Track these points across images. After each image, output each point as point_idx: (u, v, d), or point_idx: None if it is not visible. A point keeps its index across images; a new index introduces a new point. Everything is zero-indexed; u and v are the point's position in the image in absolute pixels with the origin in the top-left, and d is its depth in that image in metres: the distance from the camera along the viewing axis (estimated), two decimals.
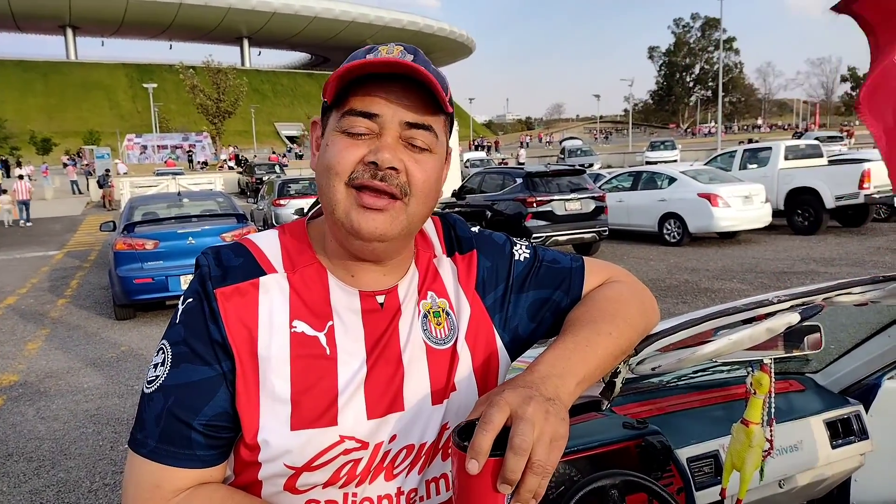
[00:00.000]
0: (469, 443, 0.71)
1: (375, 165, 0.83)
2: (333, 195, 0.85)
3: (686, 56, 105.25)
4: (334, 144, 0.85)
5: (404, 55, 0.85)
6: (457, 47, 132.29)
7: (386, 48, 0.86)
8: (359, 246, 0.87)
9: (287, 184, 15.50)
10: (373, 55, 0.85)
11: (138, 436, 0.85)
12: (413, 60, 0.84)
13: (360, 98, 0.84)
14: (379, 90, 0.84)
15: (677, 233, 12.02)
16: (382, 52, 0.85)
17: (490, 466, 0.71)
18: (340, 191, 0.85)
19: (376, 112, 0.84)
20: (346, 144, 0.84)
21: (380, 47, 0.87)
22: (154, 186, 17.79)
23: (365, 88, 0.84)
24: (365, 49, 0.88)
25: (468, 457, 0.70)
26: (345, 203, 0.85)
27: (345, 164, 0.84)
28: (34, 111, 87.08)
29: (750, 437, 1.47)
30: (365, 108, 0.84)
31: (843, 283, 1.42)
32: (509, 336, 1.01)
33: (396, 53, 0.85)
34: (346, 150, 0.84)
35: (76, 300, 9.46)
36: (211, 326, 0.85)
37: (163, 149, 60.62)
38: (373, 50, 0.87)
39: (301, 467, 0.85)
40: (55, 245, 16.25)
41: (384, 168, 0.83)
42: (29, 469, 4.13)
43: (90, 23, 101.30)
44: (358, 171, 0.84)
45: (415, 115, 0.85)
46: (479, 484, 0.71)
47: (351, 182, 0.84)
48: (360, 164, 0.84)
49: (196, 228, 8.21)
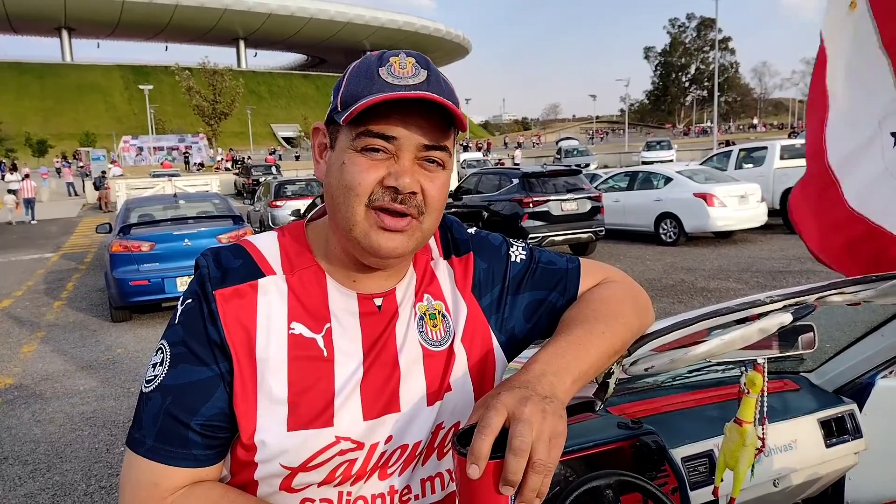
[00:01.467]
0: (469, 448, 0.72)
1: (395, 190, 0.84)
2: (352, 215, 0.86)
3: (682, 56, 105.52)
4: (353, 164, 0.85)
5: (417, 70, 0.85)
6: (453, 48, 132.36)
7: (398, 61, 0.85)
8: (374, 262, 0.89)
9: (283, 185, 15.48)
10: (385, 69, 0.84)
11: (136, 434, 0.86)
12: (427, 78, 0.84)
13: (376, 119, 0.84)
14: (396, 112, 0.83)
15: (673, 233, 12.04)
16: (395, 66, 0.84)
17: (491, 469, 0.71)
18: (360, 212, 0.85)
19: (394, 135, 0.84)
20: (365, 166, 0.84)
21: (390, 58, 0.86)
22: (150, 188, 17.74)
23: (384, 108, 0.83)
24: (375, 59, 0.87)
25: (468, 462, 0.71)
26: (364, 224, 0.86)
27: (365, 186, 0.84)
28: (30, 113, 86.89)
29: (743, 436, 1.47)
30: (382, 131, 0.84)
31: (836, 282, 1.43)
32: (505, 337, 1.02)
33: (410, 69, 0.84)
34: (365, 171, 0.84)
35: (72, 302, 9.44)
36: (209, 328, 0.86)
37: (159, 150, 60.47)
38: (384, 61, 0.85)
39: (297, 467, 0.86)
40: (51, 247, 16.21)
41: (404, 193, 0.84)
42: (24, 472, 4.12)
43: (86, 24, 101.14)
44: (377, 193, 0.84)
45: (432, 138, 0.86)
46: (481, 487, 0.72)
47: (371, 203, 0.85)
48: (380, 185, 0.84)
49: (192, 230, 8.20)
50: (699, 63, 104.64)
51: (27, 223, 22.80)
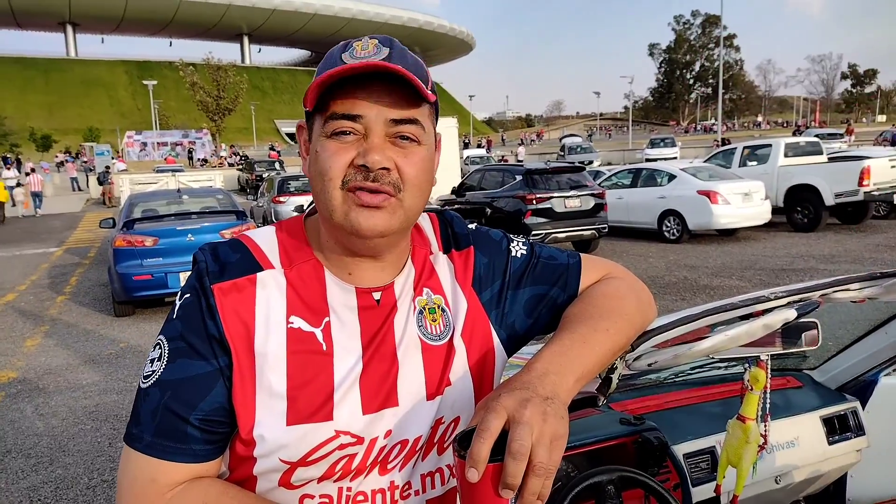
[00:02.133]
0: (468, 451, 0.71)
1: (366, 168, 0.83)
2: (330, 200, 0.85)
3: (686, 53, 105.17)
4: (323, 150, 0.85)
5: (379, 49, 0.84)
6: (457, 44, 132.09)
7: (360, 44, 0.85)
8: (360, 244, 0.88)
9: (287, 181, 15.48)
10: (348, 53, 0.84)
11: (134, 430, 0.85)
12: (389, 55, 0.84)
13: (341, 100, 0.84)
14: (359, 90, 0.83)
15: (677, 230, 12.02)
16: (357, 49, 0.84)
17: (491, 472, 0.70)
18: (336, 195, 0.85)
19: (359, 113, 0.83)
20: (334, 149, 0.84)
21: (354, 43, 0.86)
22: (154, 183, 17.76)
23: (345, 90, 0.83)
24: (340, 46, 0.87)
25: (467, 465, 0.70)
26: (342, 206, 0.85)
27: (336, 168, 0.84)
28: (34, 108, 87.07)
29: (746, 433, 1.47)
30: (347, 111, 0.83)
31: (840, 279, 1.42)
32: (506, 332, 1.01)
33: (371, 49, 0.84)
34: (335, 154, 0.84)
35: (75, 297, 9.47)
36: (208, 322, 0.85)
37: (163, 146, 60.57)
38: (348, 47, 0.86)
39: (296, 462, 0.86)
40: (55, 242, 16.25)
41: (375, 170, 0.83)
42: (27, 466, 4.13)
43: (90, 20, 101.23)
44: (350, 174, 0.84)
45: (399, 111, 0.84)
46: (481, 490, 0.71)
47: (345, 185, 0.84)
48: (351, 167, 0.84)
49: (196, 225, 8.21)
50: (704, 60, 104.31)
51: (35, 216, 23.48)
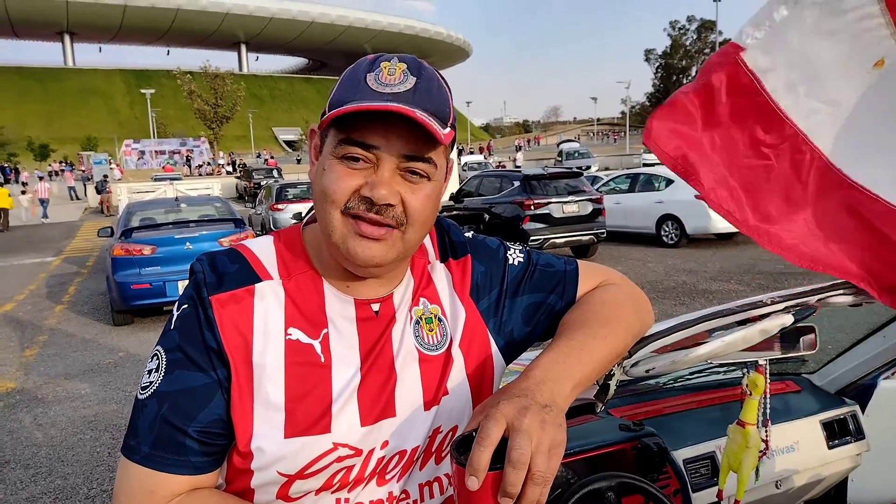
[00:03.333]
0: (467, 458, 0.71)
1: (370, 200, 0.82)
2: (330, 221, 0.85)
3: (682, 58, 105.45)
4: (331, 170, 0.84)
5: (406, 77, 0.82)
6: (454, 51, 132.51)
7: (388, 67, 0.83)
8: (356, 270, 0.88)
9: (285, 188, 15.48)
10: (374, 75, 0.83)
11: (131, 442, 0.85)
12: (415, 86, 0.82)
13: (358, 127, 0.82)
14: (378, 121, 0.81)
15: (675, 234, 12.03)
16: (384, 73, 0.83)
17: (490, 480, 0.70)
18: (336, 218, 0.84)
19: (374, 144, 0.82)
20: (342, 173, 0.83)
21: (381, 63, 0.84)
22: (152, 192, 17.75)
23: (364, 117, 0.81)
24: (367, 64, 0.85)
25: (467, 473, 0.70)
26: (341, 230, 0.84)
27: (340, 193, 0.83)
28: (32, 117, 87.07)
29: (746, 438, 1.47)
30: (362, 139, 0.82)
31: (837, 283, 1.42)
32: (504, 340, 1.01)
33: (398, 76, 0.82)
34: (341, 178, 0.83)
35: (74, 306, 9.45)
36: (206, 333, 0.85)
37: (160, 154, 60.59)
38: (374, 67, 0.84)
39: (294, 475, 0.85)
40: (53, 251, 16.22)
41: (379, 204, 0.82)
42: (26, 476, 4.12)
43: (88, 29, 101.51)
44: (353, 201, 0.83)
45: (413, 149, 0.83)
46: (480, 498, 0.71)
47: (347, 211, 0.84)
48: (356, 194, 0.83)
49: (194, 233, 8.21)
50: (699, 65, 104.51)
51: (42, 223, 24.92)
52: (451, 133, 0.86)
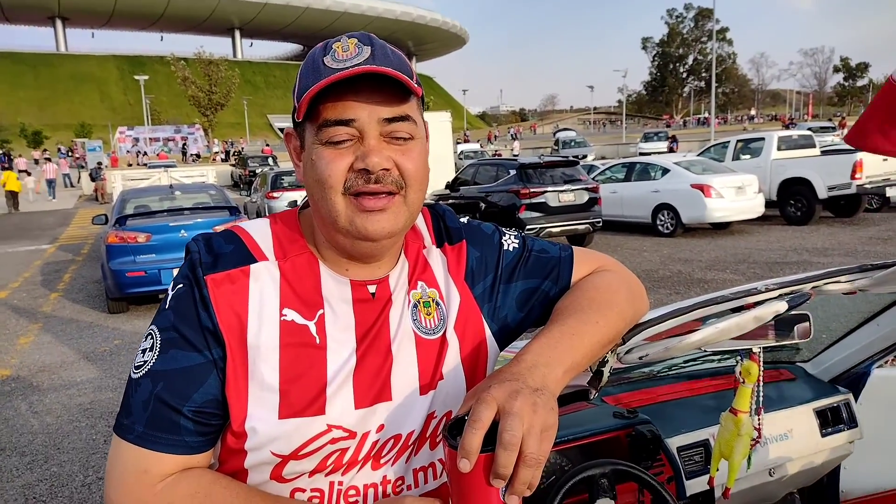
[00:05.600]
0: (459, 441, 0.72)
1: (367, 171, 0.83)
2: (332, 207, 0.85)
3: (679, 46, 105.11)
4: (320, 158, 0.85)
5: (360, 48, 0.83)
6: (450, 38, 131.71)
7: (340, 45, 0.84)
8: (367, 247, 0.88)
9: (280, 176, 15.42)
10: (329, 56, 0.84)
11: (125, 421, 0.85)
12: (371, 54, 0.83)
13: (331, 106, 0.83)
14: (348, 94, 0.83)
15: (671, 224, 12.04)
16: (338, 51, 0.83)
17: (482, 462, 0.71)
18: (339, 202, 0.85)
19: (352, 117, 0.83)
20: (332, 156, 0.84)
21: (333, 45, 0.85)
22: (146, 179, 17.66)
23: (334, 95, 0.83)
24: (319, 50, 0.87)
25: (459, 456, 0.71)
26: (346, 212, 0.85)
27: (336, 175, 0.84)
28: (24, 104, 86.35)
29: (738, 426, 1.47)
30: (339, 116, 0.83)
31: (831, 271, 1.43)
32: (498, 326, 1.02)
33: (353, 49, 0.83)
34: (333, 161, 0.84)
35: (69, 294, 9.42)
36: (202, 313, 0.85)
37: (155, 141, 60.34)
38: (328, 49, 0.85)
39: (288, 455, 0.86)
40: (47, 239, 16.15)
41: (376, 171, 0.83)
42: (22, 464, 4.12)
43: (80, 14, 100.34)
44: (350, 179, 0.84)
45: (391, 109, 0.84)
46: (472, 480, 0.72)
47: (347, 191, 0.84)
48: (351, 171, 0.84)
49: (188, 221, 8.18)
50: (697, 54, 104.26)
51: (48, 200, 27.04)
52: (420, 89, 0.88)
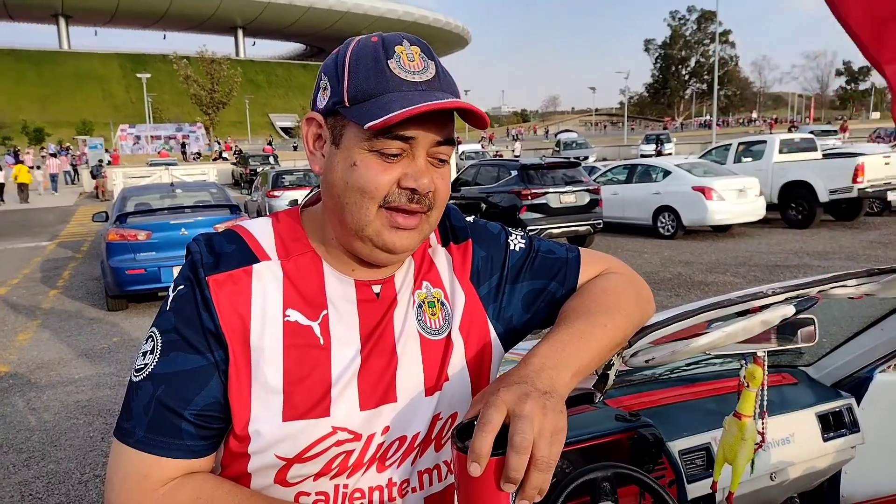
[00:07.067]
0: (469, 444, 0.70)
1: (414, 191, 0.83)
2: (364, 216, 0.84)
3: (682, 49, 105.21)
4: (367, 167, 0.82)
5: (426, 62, 0.83)
6: (452, 39, 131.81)
7: (404, 52, 0.82)
8: (385, 258, 0.88)
9: (281, 175, 15.41)
10: (394, 62, 0.81)
11: (125, 425, 0.84)
12: (436, 74, 0.83)
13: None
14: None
15: (671, 226, 12.04)
16: (404, 60, 0.82)
17: (492, 466, 0.70)
18: (373, 212, 0.84)
19: (413, 135, 0.82)
20: (381, 168, 0.82)
21: (396, 48, 0.82)
22: (147, 177, 17.64)
23: None
24: (381, 51, 0.82)
25: (469, 460, 0.70)
26: (376, 223, 0.84)
27: (381, 189, 0.83)
28: (27, 101, 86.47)
29: (742, 430, 1.46)
30: (401, 132, 0.81)
31: (839, 275, 1.42)
32: (503, 326, 1.00)
33: (418, 61, 0.83)
34: (381, 173, 0.82)
35: (68, 291, 9.41)
36: (203, 314, 0.83)
37: (156, 139, 60.33)
38: (391, 53, 0.82)
39: (292, 458, 0.84)
40: (47, 235, 16.15)
41: (424, 192, 0.83)
42: (18, 460, 4.11)
43: (83, 12, 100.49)
44: (394, 194, 0.83)
45: (444, 133, 0.85)
46: (482, 484, 0.71)
47: (385, 204, 0.83)
48: (396, 186, 0.83)
49: (189, 219, 8.16)
50: (699, 56, 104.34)
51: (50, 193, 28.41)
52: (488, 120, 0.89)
